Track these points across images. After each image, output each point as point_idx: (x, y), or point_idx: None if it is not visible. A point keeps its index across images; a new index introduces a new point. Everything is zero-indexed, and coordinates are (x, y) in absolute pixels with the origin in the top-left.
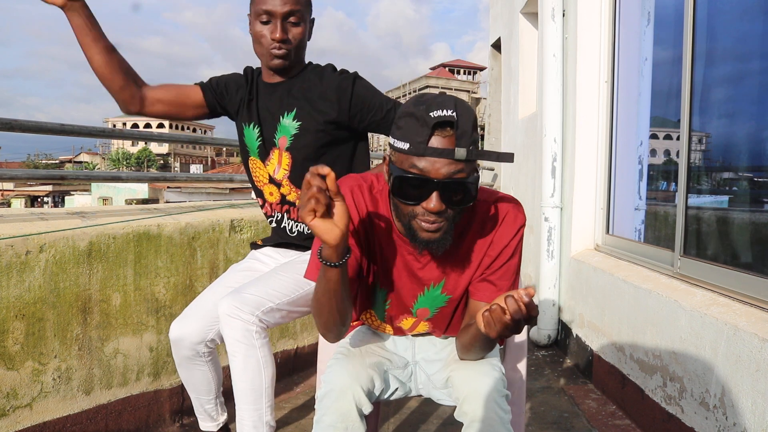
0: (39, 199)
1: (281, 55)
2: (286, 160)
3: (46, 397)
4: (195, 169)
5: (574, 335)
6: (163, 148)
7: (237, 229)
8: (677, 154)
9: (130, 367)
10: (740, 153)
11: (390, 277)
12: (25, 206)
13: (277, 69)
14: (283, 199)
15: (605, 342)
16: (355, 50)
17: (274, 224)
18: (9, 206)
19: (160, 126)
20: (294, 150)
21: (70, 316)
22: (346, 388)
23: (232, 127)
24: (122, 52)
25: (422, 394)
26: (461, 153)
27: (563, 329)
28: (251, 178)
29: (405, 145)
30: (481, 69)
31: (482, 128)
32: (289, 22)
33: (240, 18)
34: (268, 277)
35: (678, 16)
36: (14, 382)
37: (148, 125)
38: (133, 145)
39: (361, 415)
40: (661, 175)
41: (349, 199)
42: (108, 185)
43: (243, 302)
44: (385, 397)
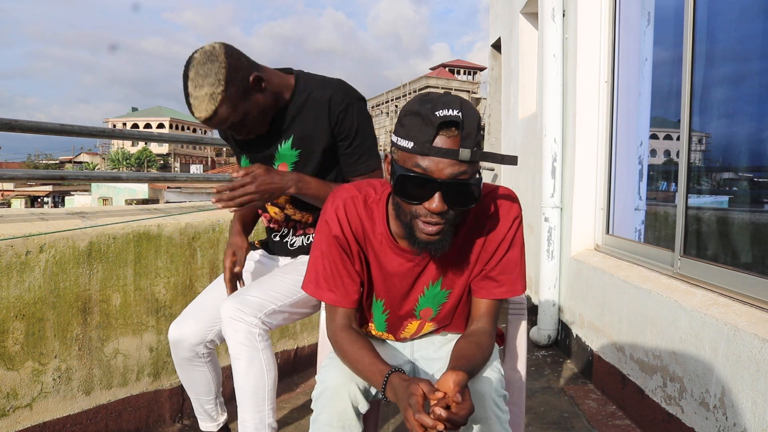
0: (39, 200)
1: (243, 138)
2: None
3: (46, 397)
4: (195, 169)
5: (574, 335)
6: (163, 149)
7: None
8: (677, 155)
9: (130, 368)
10: (740, 153)
11: (388, 285)
12: (25, 206)
13: (251, 138)
14: (287, 218)
15: (605, 342)
16: (355, 50)
17: (277, 238)
18: (9, 206)
19: (160, 126)
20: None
21: (70, 317)
22: (342, 387)
23: None
24: (122, 52)
25: None
26: (465, 154)
27: (563, 329)
28: None
29: (409, 144)
30: (481, 69)
31: (483, 128)
32: (221, 122)
33: (240, 18)
34: (269, 279)
35: (678, 16)
36: (14, 383)
37: (148, 125)
38: (133, 145)
39: (358, 414)
40: (661, 175)
41: (341, 214)
42: (108, 185)
43: (245, 305)
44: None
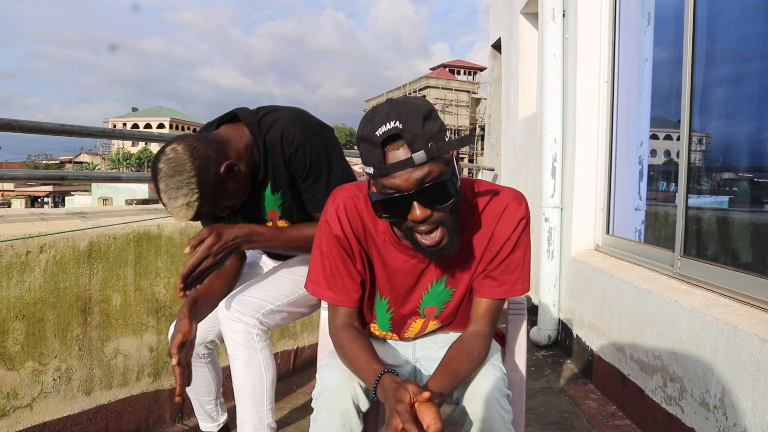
0: (39, 200)
1: (233, 209)
2: (283, 222)
3: (46, 397)
4: None
5: (575, 335)
6: None
7: None
8: (677, 155)
9: (131, 368)
10: (740, 153)
11: (392, 282)
12: (25, 206)
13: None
14: None
15: (605, 342)
16: (355, 51)
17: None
18: (9, 206)
19: (161, 126)
20: (287, 215)
21: (71, 317)
22: (343, 385)
23: None
24: (122, 52)
25: None
26: (420, 157)
27: (563, 329)
28: None
29: (370, 170)
30: (481, 69)
31: (482, 128)
32: (204, 218)
33: (240, 18)
34: (267, 279)
35: (678, 16)
36: (14, 383)
37: (148, 125)
38: (133, 145)
39: (359, 412)
40: (661, 175)
41: (341, 214)
42: (108, 185)
43: (244, 305)
44: None
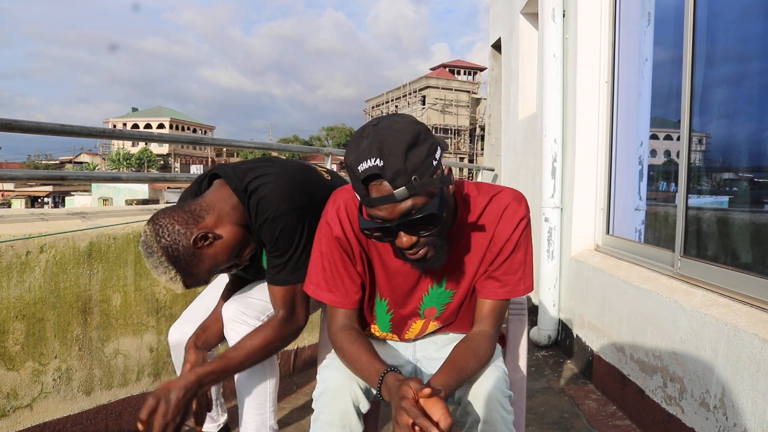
0: (39, 200)
1: (240, 268)
2: None
3: (46, 397)
4: (195, 169)
5: (575, 336)
6: (164, 149)
7: None
8: (677, 155)
9: (131, 368)
10: (740, 153)
11: (392, 283)
12: (25, 207)
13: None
14: None
15: (605, 342)
16: (355, 51)
17: None
18: (9, 207)
19: (161, 126)
20: None
21: (71, 317)
22: (343, 386)
23: (233, 127)
24: (122, 52)
25: None
26: (402, 193)
27: (563, 329)
28: None
29: (357, 197)
30: (481, 69)
31: (482, 128)
32: (198, 284)
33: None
34: None
35: (678, 16)
36: (14, 383)
37: (148, 125)
38: (133, 145)
39: (359, 413)
40: (661, 175)
41: (342, 215)
42: (108, 186)
43: (248, 307)
44: None
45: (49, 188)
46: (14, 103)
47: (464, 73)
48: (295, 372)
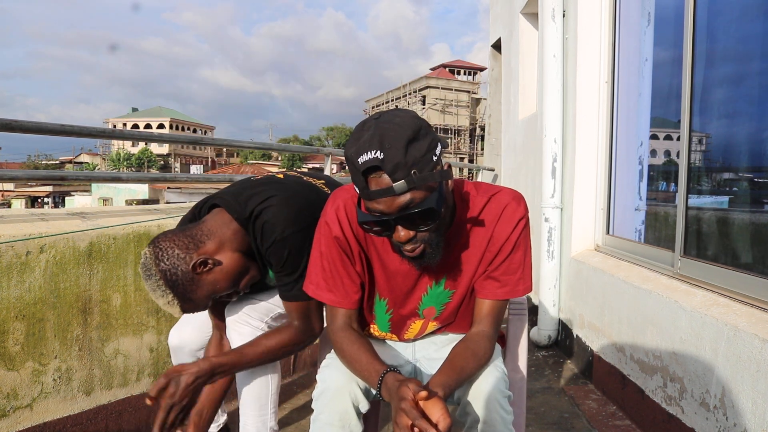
0: (39, 200)
1: (244, 291)
2: None
3: (46, 397)
4: (195, 169)
5: (575, 336)
6: (164, 149)
7: None
8: (677, 155)
9: (131, 368)
10: (740, 153)
11: (391, 283)
12: (25, 207)
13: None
14: None
15: (605, 342)
16: (355, 51)
17: None
18: (9, 207)
19: (161, 126)
20: None
21: (71, 317)
22: (343, 387)
23: (233, 127)
24: (122, 52)
25: None
26: (401, 187)
27: (563, 330)
28: None
29: (356, 189)
30: (481, 69)
31: (482, 128)
32: (196, 309)
33: (240, 18)
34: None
35: (678, 16)
36: (14, 383)
37: (148, 125)
38: (133, 145)
39: (359, 413)
40: (661, 175)
41: (341, 215)
42: (108, 186)
43: (252, 309)
44: None
45: (49, 188)
46: (14, 103)
47: (464, 73)
48: (295, 372)
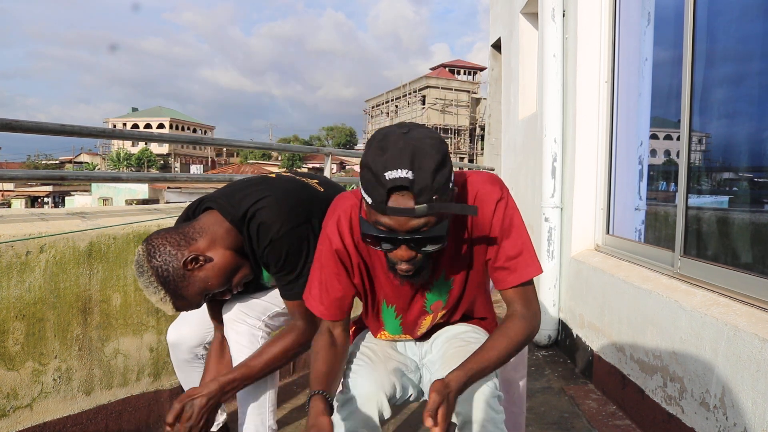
0: (39, 200)
1: (238, 290)
2: None
3: (46, 397)
4: (195, 169)
5: (575, 335)
6: (164, 149)
7: None
8: (677, 155)
9: (131, 368)
10: (740, 153)
11: (397, 291)
12: (25, 207)
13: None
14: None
15: (605, 342)
16: (354, 51)
17: None
18: (9, 207)
19: (161, 126)
20: None
21: (71, 317)
22: (372, 396)
23: (233, 127)
24: (122, 52)
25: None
26: (422, 210)
27: (563, 329)
28: None
29: (368, 199)
30: (481, 69)
31: (482, 128)
32: (190, 307)
33: (240, 18)
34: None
35: (678, 16)
36: (14, 383)
37: (148, 125)
38: (133, 145)
39: (382, 421)
40: (661, 175)
41: (342, 227)
42: (108, 186)
43: (249, 307)
44: (401, 402)
45: (49, 188)
46: (14, 103)
47: (464, 73)
48: (295, 372)
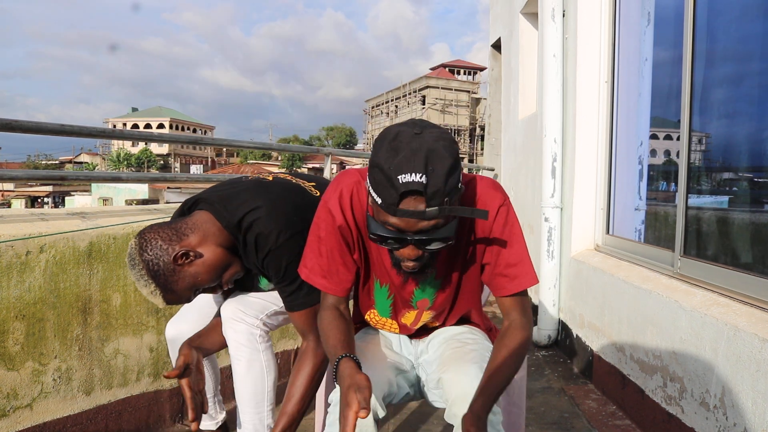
0: (39, 200)
1: (227, 287)
2: None
3: (46, 397)
4: (195, 169)
5: (575, 335)
6: (164, 149)
7: None
8: (677, 155)
9: (131, 368)
10: (740, 153)
11: (388, 271)
12: (25, 207)
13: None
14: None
15: (605, 342)
16: (354, 51)
17: None
18: (9, 207)
19: (161, 126)
20: None
21: (71, 317)
22: None
23: (233, 127)
24: (122, 52)
25: (425, 397)
26: (433, 213)
27: (563, 329)
28: None
29: (378, 199)
30: (481, 69)
31: (482, 128)
32: (179, 301)
33: (240, 18)
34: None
35: (678, 16)
36: (14, 383)
37: (148, 125)
38: (133, 145)
39: (376, 420)
40: (661, 175)
41: (344, 203)
42: (108, 186)
43: (247, 305)
44: (397, 401)
45: (49, 188)
46: (14, 103)
47: (464, 73)
48: None
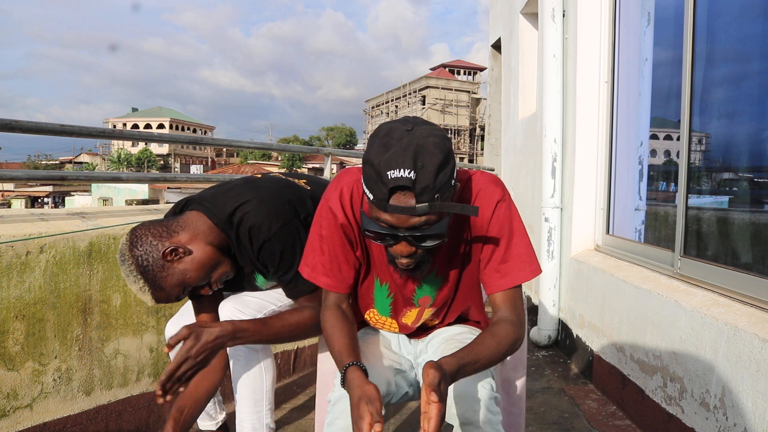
0: (39, 200)
1: (216, 288)
2: None
3: (46, 397)
4: (195, 169)
5: (575, 335)
6: (164, 149)
7: None
8: (677, 155)
9: (131, 368)
10: (740, 153)
11: (389, 269)
12: (25, 207)
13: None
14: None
15: (605, 342)
16: (354, 51)
17: None
18: (9, 207)
19: (161, 126)
20: None
21: (71, 317)
22: None
23: (233, 127)
24: (122, 52)
25: None
26: (423, 209)
27: (563, 329)
28: None
29: (370, 195)
30: (481, 69)
31: (482, 128)
32: (169, 300)
33: (239, 19)
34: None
35: (678, 16)
36: (14, 383)
37: (148, 125)
38: (133, 145)
39: None
40: (661, 175)
41: (345, 200)
42: (108, 186)
43: (245, 305)
44: (396, 400)
45: (49, 188)
46: (15, 103)
47: (464, 73)
48: (295, 372)
